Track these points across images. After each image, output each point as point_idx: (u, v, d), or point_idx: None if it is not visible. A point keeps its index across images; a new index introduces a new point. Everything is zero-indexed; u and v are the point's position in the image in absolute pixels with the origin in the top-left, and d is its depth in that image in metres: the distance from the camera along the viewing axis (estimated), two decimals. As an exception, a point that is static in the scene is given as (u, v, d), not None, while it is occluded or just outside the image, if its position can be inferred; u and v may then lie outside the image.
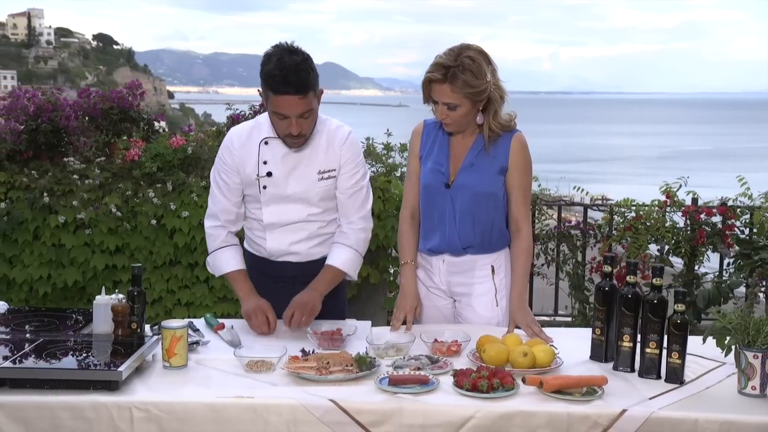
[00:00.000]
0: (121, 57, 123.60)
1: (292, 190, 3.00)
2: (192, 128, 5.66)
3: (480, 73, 2.85)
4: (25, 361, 2.39)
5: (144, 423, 2.26)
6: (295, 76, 2.76)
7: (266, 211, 3.04)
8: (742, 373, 2.38)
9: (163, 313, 4.98)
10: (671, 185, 5.15)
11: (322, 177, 3.01)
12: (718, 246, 5.00)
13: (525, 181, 3.06)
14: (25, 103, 5.15)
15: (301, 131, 2.86)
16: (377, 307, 5.18)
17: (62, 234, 4.98)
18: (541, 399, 2.31)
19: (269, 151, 2.99)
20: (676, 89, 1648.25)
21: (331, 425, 2.25)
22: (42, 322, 2.81)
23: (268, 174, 2.98)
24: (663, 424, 2.23)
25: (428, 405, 2.28)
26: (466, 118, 2.95)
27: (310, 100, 2.82)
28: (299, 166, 3.00)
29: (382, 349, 2.67)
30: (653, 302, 2.49)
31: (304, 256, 3.11)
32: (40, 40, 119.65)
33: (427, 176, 3.06)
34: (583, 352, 2.71)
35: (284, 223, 3.05)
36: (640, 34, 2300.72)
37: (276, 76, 2.77)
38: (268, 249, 3.10)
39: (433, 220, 3.09)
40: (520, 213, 3.06)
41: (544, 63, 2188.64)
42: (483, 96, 2.90)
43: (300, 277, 3.08)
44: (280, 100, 2.79)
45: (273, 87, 2.79)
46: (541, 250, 5.30)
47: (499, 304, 3.10)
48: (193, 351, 2.69)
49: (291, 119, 2.82)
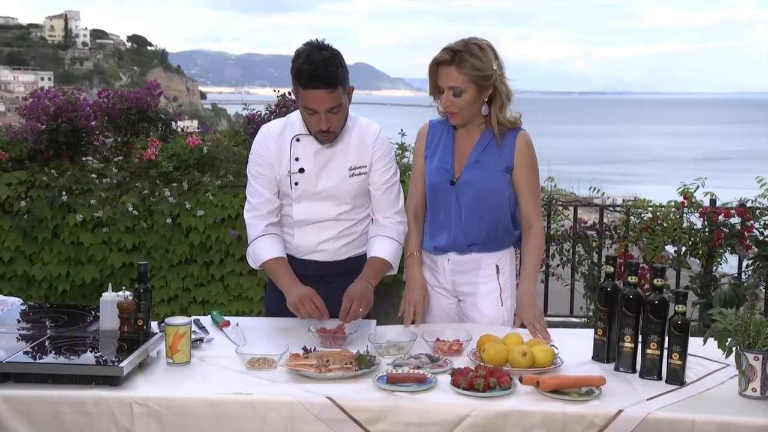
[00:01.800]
0: (155, 58, 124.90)
1: (323, 186, 3.01)
2: (209, 128, 5.72)
3: (486, 59, 2.89)
4: (29, 356, 2.43)
5: (144, 418, 2.29)
6: (323, 70, 2.79)
7: (297, 208, 3.05)
8: (742, 375, 2.36)
9: (178, 311, 5.04)
10: (689, 186, 5.10)
11: (353, 173, 3.02)
12: (736, 247, 4.94)
13: (532, 178, 3.05)
14: (45, 103, 5.24)
15: (331, 127, 2.89)
16: (391, 307, 5.17)
17: (81, 232, 5.06)
18: (537, 399, 2.30)
19: (301, 147, 3.01)
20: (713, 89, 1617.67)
21: (328, 422, 2.27)
22: (53, 318, 2.86)
23: (300, 170, 3.00)
24: (660, 425, 2.21)
25: (424, 403, 2.29)
26: (471, 107, 2.95)
27: (339, 95, 2.84)
28: (330, 163, 3.01)
29: (383, 347, 2.68)
30: (654, 303, 2.47)
31: (330, 255, 3.09)
32: (76, 41, 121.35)
33: (432, 174, 3.07)
34: (586, 352, 2.70)
35: (314, 220, 3.06)
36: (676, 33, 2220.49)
37: (305, 71, 2.80)
38: (296, 245, 3.10)
39: (440, 218, 3.09)
40: (531, 210, 3.06)
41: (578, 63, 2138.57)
42: (488, 82, 2.92)
43: (325, 277, 3.09)
44: (309, 95, 2.82)
45: (302, 82, 2.82)
46: (556, 250, 5.28)
47: (504, 303, 3.10)
48: (197, 348, 2.72)
49: (320, 114, 2.85)
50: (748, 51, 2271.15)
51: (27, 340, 2.58)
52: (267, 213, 3.06)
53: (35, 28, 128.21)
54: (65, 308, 3.05)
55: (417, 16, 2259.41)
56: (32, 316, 2.93)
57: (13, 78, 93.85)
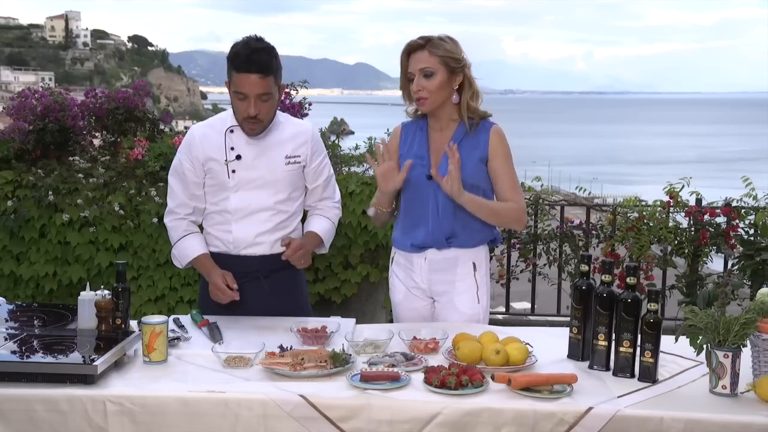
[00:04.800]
0: (156, 58, 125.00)
1: (261, 172, 3.09)
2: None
3: (457, 47, 3.02)
4: (3, 354, 2.44)
5: (117, 416, 2.30)
6: (258, 56, 2.92)
7: (234, 198, 3.10)
8: (712, 373, 2.37)
9: (165, 310, 5.04)
10: (674, 185, 5.11)
11: (289, 161, 3.12)
12: (722, 247, 4.95)
13: (508, 167, 3.08)
14: (33, 103, 5.25)
15: (259, 114, 2.98)
16: (377, 306, 5.20)
17: (68, 232, 5.06)
18: (508, 396, 2.32)
19: (236, 138, 3.10)
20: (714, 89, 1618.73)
21: (300, 420, 2.28)
22: (32, 317, 2.87)
23: (238, 157, 3.08)
24: (629, 422, 2.23)
25: (396, 401, 2.30)
26: (441, 92, 3.01)
27: (270, 84, 2.96)
28: (267, 151, 3.10)
29: (360, 345, 2.69)
30: (627, 301, 2.49)
31: (267, 247, 3.15)
32: (76, 42, 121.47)
33: (409, 170, 3.08)
34: (562, 350, 2.71)
35: (252, 209, 3.11)
36: (677, 32, 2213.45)
37: (241, 55, 2.93)
38: (234, 239, 3.14)
39: (415, 214, 3.11)
40: (511, 196, 3.06)
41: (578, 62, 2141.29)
42: (459, 66, 3.01)
43: (263, 271, 3.15)
44: (242, 79, 2.93)
45: (237, 65, 2.94)
46: (543, 250, 5.29)
47: (480, 301, 3.12)
48: (174, 346, 2.73)
49: (250, 99, 2.94)
50: (749, 50, 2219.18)
51: (3, 339, 2.58)
52: (185, 215, 3.19)
53: (36, 29, 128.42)
54: (46, 307, 3.06)
55: (418, 16, 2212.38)
56: (13, 315, 2.92)
57: (14, 78, 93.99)
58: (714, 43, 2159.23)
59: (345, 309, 5.02)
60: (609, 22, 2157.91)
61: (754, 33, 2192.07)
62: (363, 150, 5.54)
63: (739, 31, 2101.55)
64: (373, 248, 5.00)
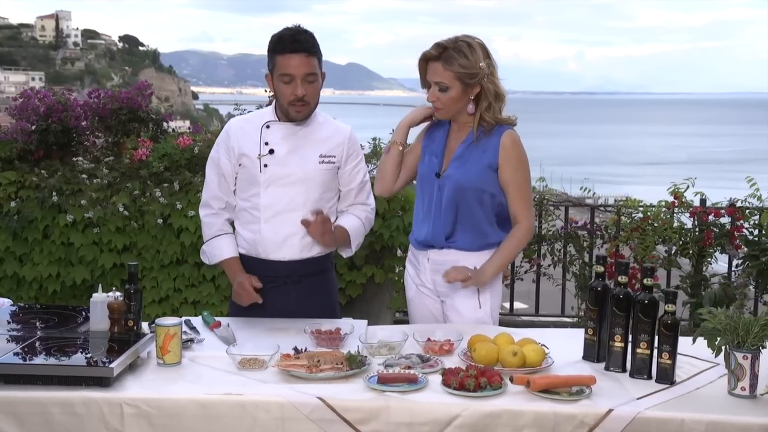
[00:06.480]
0: (147, 58, 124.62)
1: (293, 169, 3.06)
2: (199, 129, 5.70)
3: (474, 58, 2.94)
4: (19, 357, 2.42)
5: (134, 419, 2.29)
6: (302, 36, 2.96)
7: (265, 194, 3.07)
8: (731, 374, 2.37)
9: (170, 311, 5.02)
10: (679, 186, 5.11)
11: (322, 160, 3.09)
12: (726, 247, 4.96)
13: (519, 177, 3.04)
14: (36, 103, 5.22)
15: (306, 96, 2.97)
16: (382, 307, 5.19)
17: (71, 233, 5.04)
18: (528, 398, 2.31)
19: (271, 133, 3.08)
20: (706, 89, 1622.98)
21: (318, 422, 2.27)
22: (42, 319, 2.84)
23: (271, 152, 3.06)
24: (650, 424, 2.22)
25: (415, 403, 2.29)
26: (455, 104, 3.00)
27: (315, 65, 2.97)
28: (300, 148, 3.08)
29: (374, 347, 2.68)
30: (644, 303, 2.48)
31: (296, 251, 3.10)
32: (67, 41, 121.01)
33: (424, 166, 3.12)
34: (577, 352, 2.71)
35: (281, 208, 3.07)
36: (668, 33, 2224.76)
37: (286, 37, 2.96)
38: (263, 240, 3.10)
39: (425, 208, 3.13)
40: (518, 209, 3.05)
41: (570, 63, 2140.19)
42: (474, 80, 2.95)
43: (292, 277, 3.12)
44: (288, 60, 2.94)
45: (281, 48, 2.95)
46: (547, 250, 5.29)
47: (483, 306, 3.10)
48: (188, 348, 2.71)
49: (297, 81, 2.94)
50: (740, 51, 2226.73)
51: (16, 341, 2.57)
52: (218, 210, 3.18)
53: (26, 28, 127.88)
54: (55, 309, 3.04)
55: (410, 17, 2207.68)
56: (22, 317, 2.92)
57: (4, 78, 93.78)
58: (705, 43, 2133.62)
59: (350, 310, 5.01)
60: (601, 22, 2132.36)
61: (746, 34, 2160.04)
62: (367, 151, 5.52)
63: (730, 31, 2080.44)
64: (378, 249, 5.00)
